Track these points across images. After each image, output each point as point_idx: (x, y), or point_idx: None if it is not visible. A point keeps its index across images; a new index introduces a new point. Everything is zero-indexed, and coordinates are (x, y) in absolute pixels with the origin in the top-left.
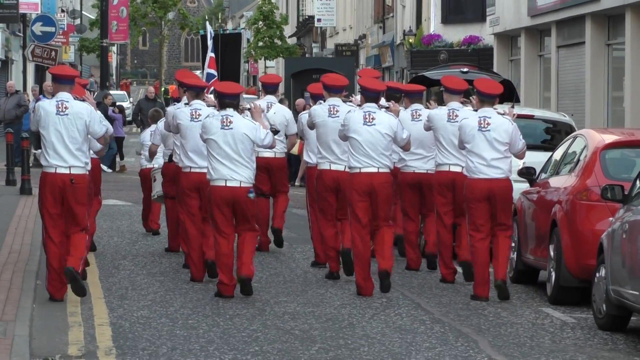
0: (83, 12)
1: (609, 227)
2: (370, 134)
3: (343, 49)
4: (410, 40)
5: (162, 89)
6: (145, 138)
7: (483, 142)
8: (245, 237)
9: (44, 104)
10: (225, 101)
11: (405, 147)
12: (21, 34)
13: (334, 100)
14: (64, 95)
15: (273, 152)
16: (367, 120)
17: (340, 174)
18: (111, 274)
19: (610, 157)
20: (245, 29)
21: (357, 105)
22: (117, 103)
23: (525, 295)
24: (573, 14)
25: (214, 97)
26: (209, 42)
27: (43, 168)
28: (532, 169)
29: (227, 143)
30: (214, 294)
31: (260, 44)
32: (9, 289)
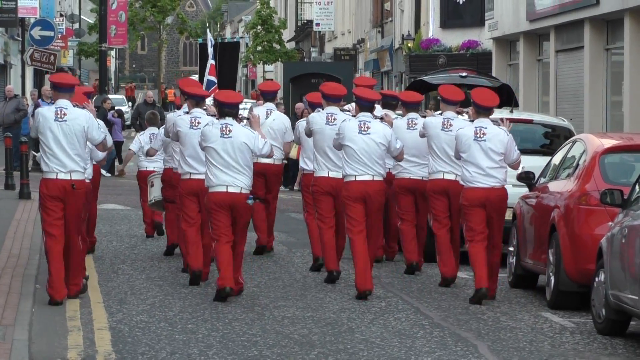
0: (82, 16)
1: (608, 231)
2: (365, 142)
3: (342, 54)
4: (409, 45)
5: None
6: (145, 140)
7: (479, 152)
8: (235, 250)
9: (43, 111)
10: (225, 110)
11: (398, 158)
12: (20, 38)
13: (332, 109)
14: (63, 102)
15: (272, 159)
16: (362, 129)
17: (338, 182)
18: (110, 278)
19: (610, 162)
20: (243, 34)
21: (352, 114)
22: (116, 107)
23: (525, 300)
24: (572, 19)
25: (214, 105)
26: (209, 50)
27: (43, 174)
28: (531, 174)
29: (226, 151)
30: (214, 299)
31: (259, 48)
32: (8, 293)
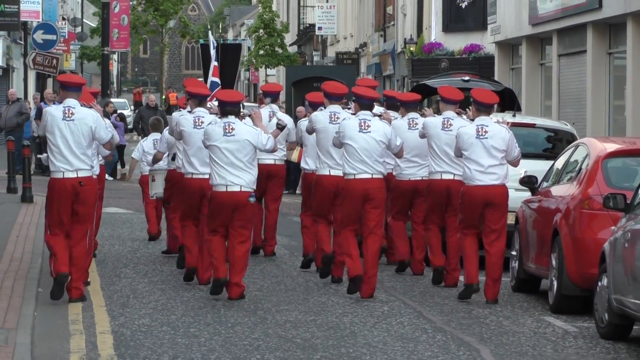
0: (84, 20)
1: (611, 236)
2: (365, 141)
3: (344, 57)
4: (411, 49)
5: (162, 97)
6: (148, 146)
7: (481, 150)
8: (238, 252)
9: (51, 110)
10: (227, 109)
11: (398, 155)
12: (22, 42)
13: (334, 108)
14: (71, 101)
15: (273, 159)
16: (363, 128)
17: (340, 180)
18: (112, 282)
19: (612, 166)
20: (246, 37)
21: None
22: (118, 111)
23: (527, 304)
24: (574, 23)
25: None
26: (212, 52)
27: (51, 174)
28: (534, 178)
29: (229, 150)
30: (209, 293)
31: (261, 52)
32: (10, 296)
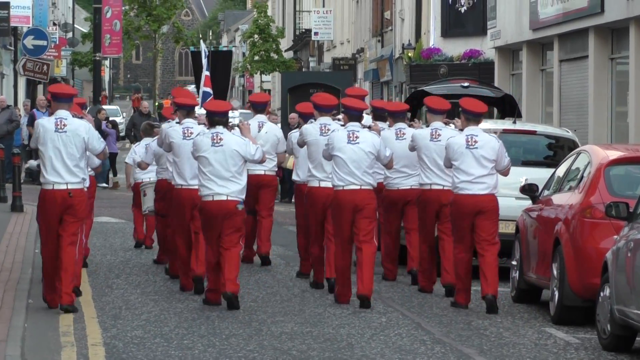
0: (75, 25)
1: (613, 245)
2: (354, 152)
3: (341, 63)
4: (410, 54)
5: (156, 103)
6: (139, 152)
7: (470, 159)
8: (230, 253)
9: (43, 122)
10: (215, 119)
11: (388, 166)
12: (12, 48)
13: (324, 120)
14: (62, 113)
15: (263, 169)
16: (351, 139)
17: (330, 192)
18: (104, 293)
19: (615, 174)
20: (240, 43)
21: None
22: (110, 118)
23: (528, 315)
24: (576, 27)
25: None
26: (204, 61)
27: (42, 185)
28: (535, 186)
29: (217, 160)
30: (202, 302)
31: (256, 58)
32: (0, 308)
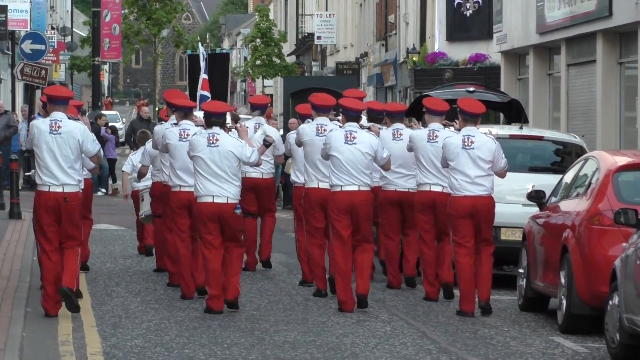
0: (74, 29)
1: (622, 252)
2: (351, 152)
3: (344, 68)
4: (414, 59)
5: (156, 109)
6: (136, 160)
7: (467, 160)
8: (231, 256)
9: (38, 123)
10: (212, 120)
11: (385, 167)
12: (10, 52)
13: (321, 120)
14: (58, 114)
15: (260, 172)
16: (349, 139)
17: (328, 192)
18: (104, 301)
19: (623, 180)
20: (242, 47)
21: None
22: (109, 124)
23: (535, 324)
24: (583, 31)
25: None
26: (202, 64)
27: (37, 186)
28: (542, 193)
29: (213, 160)
30: (203, 311)
31: (258, 62)
32: None
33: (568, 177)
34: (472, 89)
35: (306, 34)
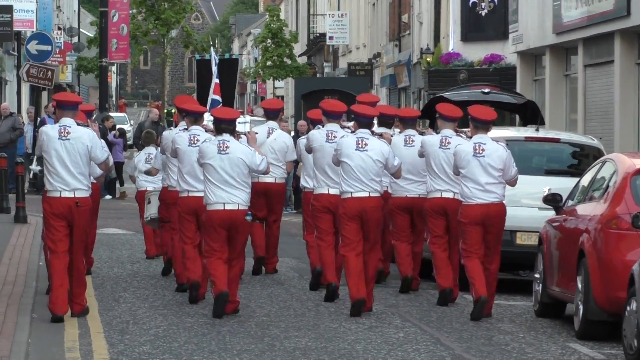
0: (81, 29)
1: None
2: (362, 159)
3: (356, 69)
4: (428, 59)
5: (165, 111)
6: (139, 160)
7: (477, 168)
8: (233, 268)
9: (47, 129)
10: (222, 126)
11: (395, 175)
12: (15, 53)
13: (332, 126)
14: (67, 120)
15: (273, 177)
16: (360, 146)
17: (337, 198)
18: (111, 307)
19: None
20: (251, 48)
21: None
22: (117, 126)
23: (551, 330)
24: (601, 31)
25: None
26: (214, 69)
27: (47, 192)
28: (559, 196)
29: (223, 168)
30: (212, 315)
31: (269, 63)
32: (3, 322)
33: (585, 180)
34: (487, 90)
35: (318, 34)
